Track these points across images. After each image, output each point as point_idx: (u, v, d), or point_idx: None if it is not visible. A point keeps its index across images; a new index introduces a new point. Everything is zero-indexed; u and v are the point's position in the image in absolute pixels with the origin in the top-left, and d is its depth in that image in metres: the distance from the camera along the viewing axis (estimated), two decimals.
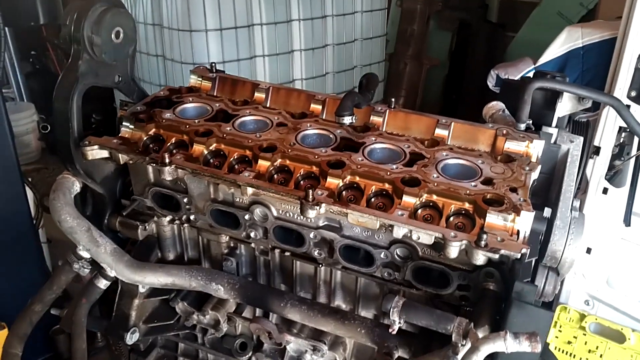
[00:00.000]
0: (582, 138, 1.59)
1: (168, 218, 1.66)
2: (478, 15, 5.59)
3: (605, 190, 2.81)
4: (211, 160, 1.51)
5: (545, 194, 1.58)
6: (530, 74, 3.25)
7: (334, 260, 1.47)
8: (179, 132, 1.55)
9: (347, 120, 1.52)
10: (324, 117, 1.65)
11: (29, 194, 2.81)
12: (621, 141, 2.75)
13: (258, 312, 1.70)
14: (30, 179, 2.99)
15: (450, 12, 5.52)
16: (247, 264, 1.66)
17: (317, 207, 1.27)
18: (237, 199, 1.50)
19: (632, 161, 2.74)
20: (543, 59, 3.20)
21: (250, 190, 1.37)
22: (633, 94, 2.65)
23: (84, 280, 1.65)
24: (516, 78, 3.22)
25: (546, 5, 5.23)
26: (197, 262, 1.72)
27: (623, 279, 2.90)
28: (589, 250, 2.68)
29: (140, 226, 1.66)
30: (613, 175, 2.82)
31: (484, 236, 1.16)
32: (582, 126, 1.77)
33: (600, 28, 3.08)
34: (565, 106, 1.66)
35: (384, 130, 1.59)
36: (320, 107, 1.66)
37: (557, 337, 2.65)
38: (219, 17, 3.35)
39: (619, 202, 2.84)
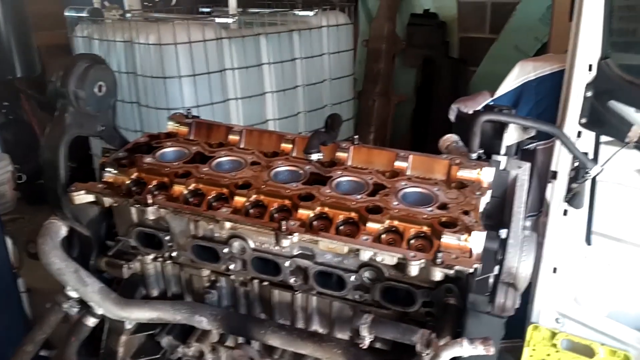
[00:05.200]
0: (528, 164, 1.76)
1: (151, 256, 1.75)
2: (440, 52, 5.87)
3: (565, 212, 2.98)
4: (190, 199, 1.63)
5: (500, 216, 1.73)
6: None
7: (309, 286, 1.59)
8: (160, 174, 1.68)
9: (314, 156, 1.67)
10: (294, 155, 1.79)
11: (8, 243, 2.86)
12: (576, 165, 2.94)
13: (240, 340, 1.79)
14: (7, 229, 3.03)
15: (414, 50, 5.79)
16: (228, 296, 1.75)
17: (290, 237, 1.40)
18: (216, 234, 1.62)
19: (588, 183, 2.92)
20: (499, 92, 3.40)
21: (228, 224, 1.50)
22: (583, 120, 2.86)
23: (72, 319, 1.73)
24: None
25: (503, 40, 5.53)
26: (180, 297, 1.81)
27: (589, 296, 3.04)
28: (555, 270, 2.80)
29: (125, 265, 1.74)
30: (572, 198, 2.99)
31: (440, 255, 1.29)
32: (530, 153, 1.94)
33: (550, 61, 3.30)
34: (511, 135, 1.83)
35: (349, 164, 1.74)
36: (290, 145, 1.81)
37: (531, 355, 2.74)
38: (191, 63, 3.44)
39: (579, 222, 3.01)
